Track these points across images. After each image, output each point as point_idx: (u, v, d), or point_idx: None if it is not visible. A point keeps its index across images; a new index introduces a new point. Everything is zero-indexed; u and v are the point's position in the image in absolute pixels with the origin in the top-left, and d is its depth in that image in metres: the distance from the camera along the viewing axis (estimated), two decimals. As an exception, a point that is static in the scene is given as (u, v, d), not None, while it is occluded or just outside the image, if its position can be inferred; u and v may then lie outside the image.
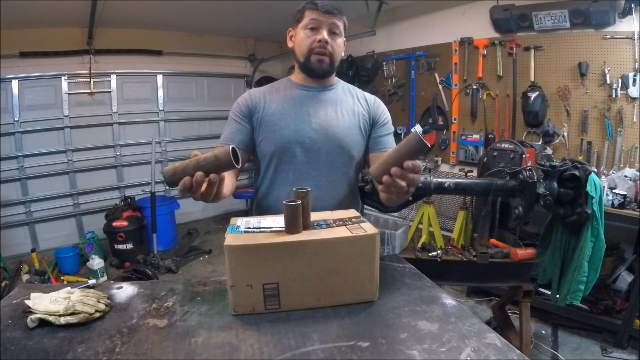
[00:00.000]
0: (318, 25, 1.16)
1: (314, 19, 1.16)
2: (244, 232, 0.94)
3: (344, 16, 1.21)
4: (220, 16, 3.76)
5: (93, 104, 3.98)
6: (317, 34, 1.16)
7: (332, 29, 1.18)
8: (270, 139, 1.22)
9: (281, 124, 1.21)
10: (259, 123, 1.23)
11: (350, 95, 1.29)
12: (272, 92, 1.26)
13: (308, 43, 1.17)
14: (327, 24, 1.16)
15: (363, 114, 1.27)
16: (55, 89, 3.80)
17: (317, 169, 1.23)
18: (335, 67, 1.24)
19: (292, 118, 1.21)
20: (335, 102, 1.25)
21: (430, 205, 2.93)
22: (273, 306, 0.91)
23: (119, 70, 4.07)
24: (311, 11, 1.16)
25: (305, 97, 1.24)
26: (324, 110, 1.23)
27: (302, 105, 1.23)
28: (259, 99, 1.25)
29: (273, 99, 1.24)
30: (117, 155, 4.22)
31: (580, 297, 1.58)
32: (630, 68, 2.44)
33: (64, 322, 0.85)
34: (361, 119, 1.26)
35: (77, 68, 3.82)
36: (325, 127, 1.21)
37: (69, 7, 3.16)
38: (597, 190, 1.47)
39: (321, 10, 1.15)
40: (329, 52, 1.18)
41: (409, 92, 3.67)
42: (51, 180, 3.88)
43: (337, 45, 1.20)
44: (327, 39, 1.16)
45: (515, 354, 0.76)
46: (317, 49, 1.17)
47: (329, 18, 1.16)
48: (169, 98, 4.47)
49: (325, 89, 1.26)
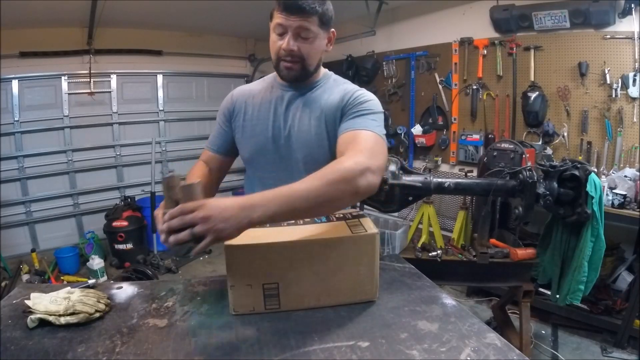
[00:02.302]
0: (284, 30, 1.03)
1: (279, 23, 1.02)
2: None
3: (320, 9, 1.02)
4: (220, 16, 3.75)
5: (93, 104, 3.98)
6: (283, 39, 1.04)
7: (300, 33, 1.03)
8: (246, 145, 1.19)
9: (257, 130, 1.16)
10: (237, 128, 1.20)
11: (332, 92, 1.14)
12: (254, 93, 1.20)
13: (275, 49, 1.07)
14: (293, 28, 1.02)
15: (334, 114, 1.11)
16: (55, 89, 3.80)
17: (294, 176, 1.11)
18: (313, 69, 1.11)
19: (267, 124, 1.15)
20: (315, 105, 1.13)
21: (430, 205, 2.93)
22: (273, 306, 0.91)
23: (119, 70, 4.07)
24: (278, 13, 1.02)
25: (285, 99, 1.15)
26: (301, 115, 1.13)
27: (279, 108, 1.15)
28: (240, 103, 1.20)
29: (253, 102, 1.19)
30: (117, 155, 4.22)
31: (580, 297, 1.59)
32: (630, 68, 2.43)
33: (64, 322, 0.85)
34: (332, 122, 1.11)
35: (77, 68, 3.82)
36: (300, 134, 1.13)
37: (69, 7, 3.16)
38: (597, 190, 1.47)
39: (286, 13, 1.00)
40: (299, 57, 1.05)
41: (409, 92, 3.66)
42: (51, 180, 3.88)
43: (311, 47, 1.06)
44: (293, 46, 1.03)
45: (515, 354, 0.76)
46: (283, 57, 1.06)
47: (295, 21, 1.01)
48: (169, 98, 4.47)
49: (308, 90, 1.15)
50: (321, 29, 1.05)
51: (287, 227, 0.95)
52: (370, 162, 0.89)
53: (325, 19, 1.05)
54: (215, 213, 0.73)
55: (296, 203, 0.80)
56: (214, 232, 0.73)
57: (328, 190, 0.83)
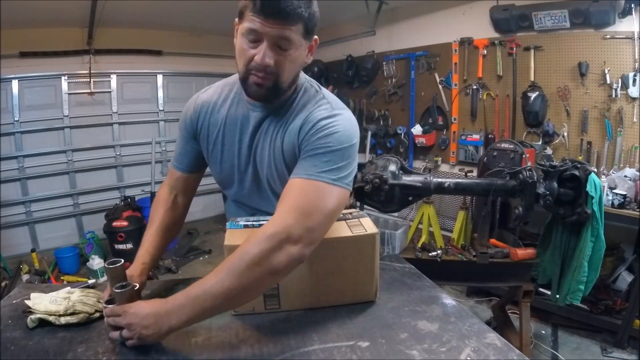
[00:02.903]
0: (258, 37, 0.81)
1: (253, 29, 0.80)
2: (243, 227, 0.94)
3: (306, 14, 0.81)
4: (220, 16, 3.73)
5: (93, 104, 3.98)
6: (257, 48, 0.82)
7: (279, 43, 0.82)
8: (215, 169, 1.05)
9: (224, 156, 1.01)
10: (204, 148, 1.04)
11: (295, 118, 0.93)
12: (219, 105, 1.01)
13: (245, 58, 0.84)
14: (271, 36, 0.80)
15: (293, 149, 0.92)
16: (55, 89, 3.80)
17: (267, 203, 1.03)
18: (286, 86, 0.89)
19: (233, 151, 0.99)
20: (280, 131, 0.94)
21: (430, 205, 2.93)
22: (273, 306, 0.91)
23: (119, 70, 4.07)
24: (252, 14, 0.79)
25: (251, 121, 0.96)
26: (263, 144, 0.96)
27: (244, 133, 0.97)
28: (202, 117, 1.02)
29: (217, 119, 1.00)
30: (117, 155, 4.22)
31: (580, 297, 1.59)
32: (630, 68, 2.44)
33: (64, 322, 0.85)
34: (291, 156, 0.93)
35: (77, 68, 3.82)
36: (262, 165, 0.97)
37: (69, 7, 3.16)
38: (597, 190, 1.47)
39: (263, 16, 0.78)
40: (273, 73, 0.84)
41: (409, 92, 3.67)
42: (51, 180, 3.88)
43: (288, 60, 0.84)
44: (268, 60, 0.81)
45: (515, 354, 0.76)
46: (254, 70, 0.84)
47: (274, 28, 0.79)
48: (169, 98, 4.47)
49: (277, 108, 0.94)
50: (304, 39, 0.84)
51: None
52: (292, 228, 0.76)
53: (311, 26, 0.84)
54: (136, 321, 0.75)
55: (208, 303, 0.74)
56: (138, 338, 0.76)
57: (240, 281, 0.74)
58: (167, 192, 1.10)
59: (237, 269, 0.74)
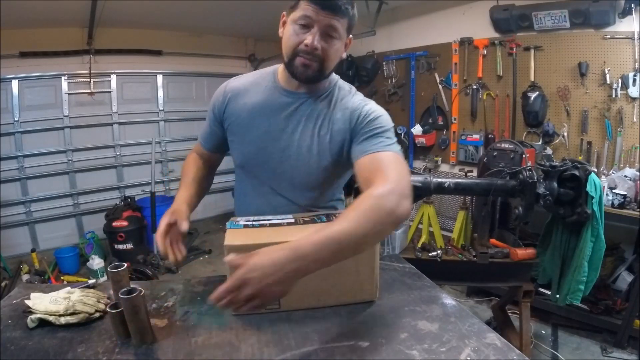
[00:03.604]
0: (310, 23, 0.92)
1: (307, 15, 0.91)
2: (243, 227, 0.94)
3: (351, 12, 0.95)
4: (220, 16, 3.75)
5: (93, 104, 3.98)
6: (308, 33, 0.93)
7: (328, 31, 0.93)
8: (239, 150, 1.11)
9: (246, 138, 1.07)
10: (227, 129, 1.12)
11: (339, 106, 1.04)
12: (250, 93, 1.08)
13: (294, 42, 0.94)
14: (322, 24, 0.92)
15: (343, 137, 1.02)
16: (55, 89, 3.79)
17: (285, 188, 1.09)
18: (327, 73, 1.01)
19: (260, 133, 1.05)
20: (320, 119, 1.03)
21: (430, 205, 2.94)
22: (273, 306, 0.91)
23: (119, 70, 4.06)
24: (307, 4, 0.91)
25: (287, 108, 1.04)
26: (304, 130, 1.03)
27: (279, 117, 1.04)
28: (231, 101, 1.09)
29: (246, 103, 1.07)
30: (117, 155, 4.22)
31: (580, 297, 1.59)
32: (630, 68, 2.44)
33: (64, 322, 0.85)
34: (341, 143, 1.02)
35: (77, 68, 3.81)
36: (295, 151, 1.04)
37: (69, 7, 3.16)
38: (597, 190, 1.47)
39: (318, 6, 0.90)
40: (319, 57, 0.95)
41: (409, 92, 3.67)
42: (51, 180, 3.87)
43: (333, 49, 0.96)
44: (317, 44, 0.92)
45: (515, 354, 0.76)
46: (303, 53, 0.94)
47: (326, 17, 0.91)
48: (169, 98, 4.47)
49: (312, 98, 1.04)
50: (345, 33, 0.98)
51: (287, 227, 0.95)
52: (400, 187, 0.84)
53: (352, 24, 0.98)
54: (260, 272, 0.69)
55: (344, 244, 0.75)
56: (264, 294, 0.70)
57: (374, 227, 0.78)
58: (195, 156, 1.23)
59: (373, 217, 0.78)
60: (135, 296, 0.78)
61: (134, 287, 0.81)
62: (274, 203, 1.10)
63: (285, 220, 0.98)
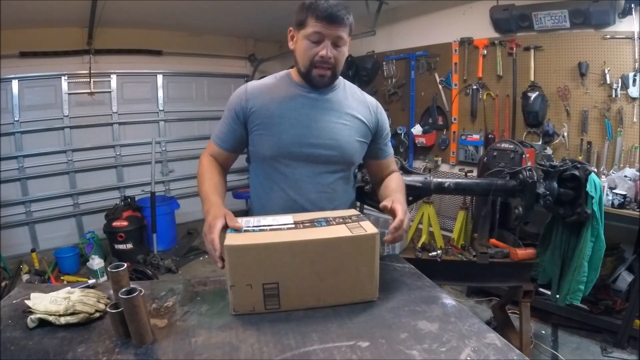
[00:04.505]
0: (321, 38, 1.09)
1: (317, 32, 1.08)
2: (244, 232, 0.94)
3: (350, 17, 1.11)
4: (220, 16, 3.75)
5: (93, 104, 3.98)
6: (320, 47, 1.09)
7: (336, 42, 1.11)
8: (268, 143, 1.18)
9: (280, 128, 1.16)
10: (255, 126, 1.18)
11: (352, 98, 1.24)
12: (272, 90, 1.20)
13: (310, 55, 1.11)
14: (332, 37, 1.09)
15: (365, 122, 1.23)
16: (55, 89, 3.79)
17: (317, 175, 1.20)
18: (338, 75, 1.20)
19: (292, 123, 1.16)
20: (338, 106, 1.20)
21: (430, 205, 2.93)
22: (273, 306, 0.91)
23: (119, 70, 4.07)
24: (315, 22, 1.07)
25: (306, 100, 1.18)
26: (326, 116, 1.19)
27: (302, 108, 1.18)
28: (255, 99, 1.18)
29: (272, 100, 1.18)
30: (117, 155, 4.22)
31: (580, 297, 1.58)
32: (630, 68, 2.43)
33: (64, 322, 0.85)
34: (363, 126, 1.23)
35: (77, 68, 3.82)
36: (327, 134, 1.18)
37: (69, 7, 3.16)
38: (597, 190, 1.47)
39: (325, 22, 1.06)
40: (332, 64, 1.13)
41: (409, 92, 3.66)
42: (51, 180, 3.88)
43: (342, 54, 1.14)
44: (330, 54, 1.10)
45: (515, 354, 0.76)
46: (319, 64, 1.11)
47: (334, 30, 1.08)
48: (169, 98, 4.47)
49: (327, 92, 1.20)
50: (348, 37, 1.14)
51: (286, 231, 0.95)
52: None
53: (352, 28, 1.15)
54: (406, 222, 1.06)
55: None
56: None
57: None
58: (211, 159, 1.26)
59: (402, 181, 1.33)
60: (135, 296, 0.78)
61: (134, 287, 0.81)
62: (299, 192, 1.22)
63: (286, 225, 0.98)
